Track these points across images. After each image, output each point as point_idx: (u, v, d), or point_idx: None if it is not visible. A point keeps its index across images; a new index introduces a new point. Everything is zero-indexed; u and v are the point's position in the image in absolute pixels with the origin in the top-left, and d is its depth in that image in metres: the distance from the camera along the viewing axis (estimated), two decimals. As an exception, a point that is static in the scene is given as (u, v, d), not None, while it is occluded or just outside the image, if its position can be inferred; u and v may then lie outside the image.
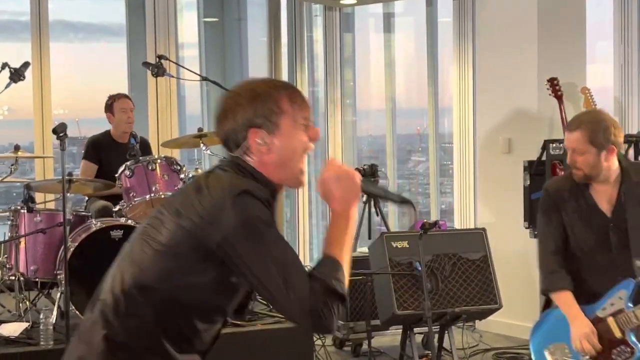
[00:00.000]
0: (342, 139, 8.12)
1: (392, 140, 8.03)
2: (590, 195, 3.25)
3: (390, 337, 5.59)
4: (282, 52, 7.63)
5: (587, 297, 3.20)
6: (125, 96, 5.68)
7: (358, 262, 5.28)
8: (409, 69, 8.54)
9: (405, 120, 8.48)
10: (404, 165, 8.95)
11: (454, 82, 6.63)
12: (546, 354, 3.31)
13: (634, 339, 3.07)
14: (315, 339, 4.72)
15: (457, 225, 6.76)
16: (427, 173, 8.17)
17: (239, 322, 4.53)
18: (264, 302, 4.95)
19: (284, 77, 7.65)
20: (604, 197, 3.24)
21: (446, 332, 4.97)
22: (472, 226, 6.28)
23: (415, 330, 4.96)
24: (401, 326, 5.04)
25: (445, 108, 7.60)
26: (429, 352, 5.01)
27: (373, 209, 5.88)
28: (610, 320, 3.14)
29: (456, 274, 4.87)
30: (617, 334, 3.10)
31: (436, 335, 4.87)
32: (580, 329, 3.13)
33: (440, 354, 4.97)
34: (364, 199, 5.94)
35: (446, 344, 5.02)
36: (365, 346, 5.28)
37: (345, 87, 8.23)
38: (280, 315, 4.66)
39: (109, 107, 5.59)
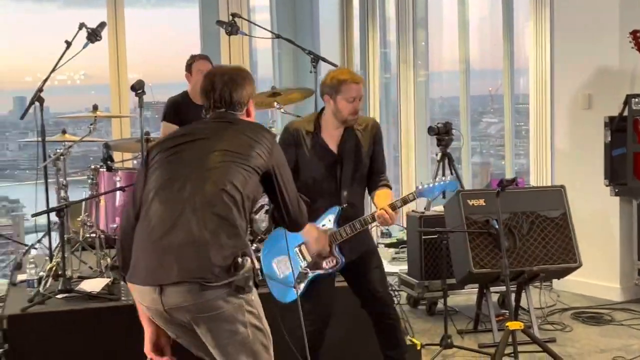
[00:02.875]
0: (415, 100, 8.02)
1: (466, 102, 7.90)
2: None
3: (465, 296, 5.55)
4: (353, 13, 7.55)
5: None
6: (205, 58, 5.68)
7: (433, 221, 5.24)
8: (483, 28, 8.36)
9: (477, 81, 8.33)
10: (475, 126, 8.81)
11: (531, 40, 6.45)
12: (273, 265, 3.79)
13: (337, 252, 3.73)
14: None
15: (533, 186, 6.63)
16: (500, 134, 8.02)
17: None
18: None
19: (356, 38, 7.59)
20: None
21: (523, 291, 4.90)
22: (549, 187, 6.15)
23: (492, 289, 4.91)
24: (477, 285, 4.99)
25: (520, 68, 7.42)
26: (506, 311, 4.96)
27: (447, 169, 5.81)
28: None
29: (534, 232, 4.79)
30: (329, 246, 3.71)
31: (513, 295, 4.81)
32: (316, 233, 3.68)
33: (517, 313, 4.91)
34: (438, 157, 5.87)
35: (523, 303, 4.96)
36: (440, 305, 5.26)
37: (418, 48, 8.11)
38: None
39: (189, 67, 5.62)
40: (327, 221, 3.75)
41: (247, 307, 2.66)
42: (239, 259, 2.60)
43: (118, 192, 4.72)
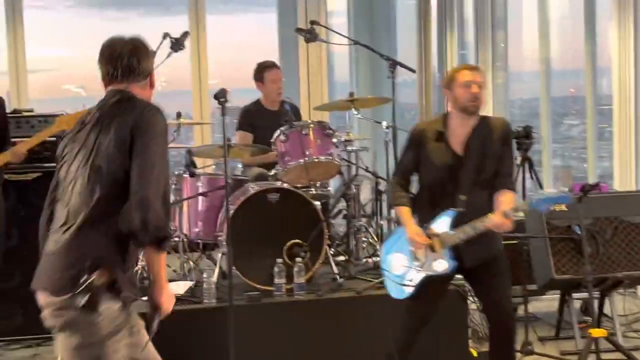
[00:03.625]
0: (493, 102, 7.93)
1: (546, 103, 7.76)
2: None
3: (547, 303, 5.46)
4: (431, 15, 7.51)
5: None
6: (275, 66, 5.73)
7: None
8: (563, 27, 8.20)
9: (558, 82, 8.17)
10: (556, 129, 8.65)
11: (614, 38, 6.29)
12: (389, 258, 3.89)
13: (447, 256, 3.71)
14: (469, 302, 4.67)
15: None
16: (582, 137, 7.85)
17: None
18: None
19: (433, 40, 7.55)
20: None
21: (607, 298, 4.80)
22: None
23: (574, 295, 4.83)
24: (559, 291, 4.92)
25: (603, 67, 7.25)
26: (589, 318, 4.86)
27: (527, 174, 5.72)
28: (435, 238, 3.70)
29: (618, 238, 4.69)
30: (438, 249, 3.69)
31: (596, 301, 4.72)
32: (414, 228, 3.73)
33: (600, 320, 4.81)
34: (518, 161, 5.79)
35: (606, 310, 4.86)
36: (521, 311, 5.18)
37: (497, 49, 8.01)
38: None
39: (259, 76, 5.67)
40: (440, 224, 3.71)
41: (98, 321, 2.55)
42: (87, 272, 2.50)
43: (200, 197, 4.84)
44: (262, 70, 5.67)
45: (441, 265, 3.71)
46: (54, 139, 5.12)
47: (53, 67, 7.93)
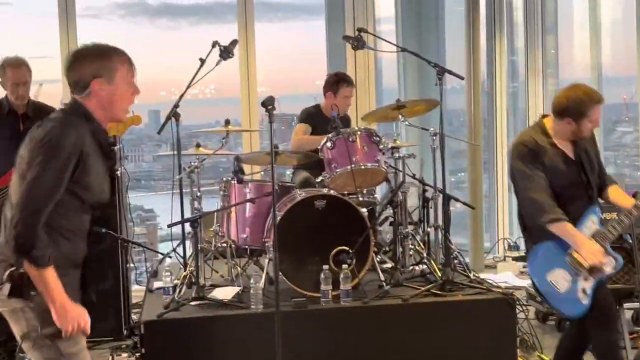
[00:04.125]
0: (544, 109, 7.84)
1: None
2: None
3: (597, 313, 5.36)
4: (480, 21, 7.46)
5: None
6: (353, 84, 5.83)
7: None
8: (615, 32, 8.08)
9: (610, 89, 8.05)
10: (609, 136, 8.52)
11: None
12: (548, 278, 3.82)
13: (612, 251, 3.77)
14: (518, 311, 4.62)
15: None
16: (635, 144, 7.73)
17: (440, 292, 4.54)
18: (464, 273, 4.95)
19: (482, 46, 7.49)
20: None
21: (659, 308, 4.71)
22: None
23: (625, 305, 4.74)
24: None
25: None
26: (640, 328, 4.78)
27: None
28: (599, 240, 3.77)
29: (671, 247, 4.58)
30: (605, 249, 3.75)
31: (648, 312, 4.63)
32: (593, 246, 3.74)
33: (652, 331, 4.73)
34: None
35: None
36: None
37: (547, 55, 7.93)
38: (482, 287, 4.63)
39: (334, 87, 5.75)
40: (591, 223, 3.84)
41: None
42: None
43: (248, 204, 4.87)
44: (339, 83, 5.75)
45: (610, 264, 3.78)
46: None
47: (105, 75, 8.08)
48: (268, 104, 3.75)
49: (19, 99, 4.85)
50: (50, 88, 6.69)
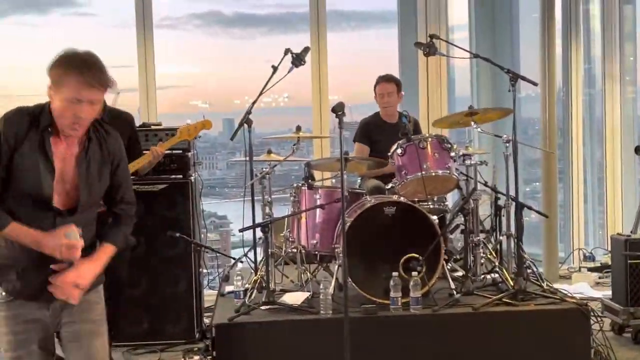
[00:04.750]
0: (621, 118, 7.66)
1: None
2: None
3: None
4: (555, 28, 7.33)
5: None
6: (385, 80, 5.81)
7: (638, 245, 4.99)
8: (698, 39, 7.82)
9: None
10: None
11: None
12: None
13: None
14: (592, 322, 4.52)
15: None
16: None
17: (512, 301, 4.47)
18: (537, 282, 4.86)
19: (558, 53, 7.35)
20: None
21: None
22: None
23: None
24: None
25: None
26: None
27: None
28: None
29: None
30: None
31: None
32: None
33: None
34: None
35: None
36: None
37: (625, 62, 7.74)
38: (555, 297, 4.54)
39: (374, 89, 5.80)
40: None
41: None
42: None
43: (318, 210, 4.90)
44: (375, 84, 5.78)
45: None
46: (180, 152, 5.34)
47: (181, 83, 8.26)
48: (338, 109, 3.77)
49: None
50: (127, 97, 6.86)
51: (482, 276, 5.04)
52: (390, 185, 4.99)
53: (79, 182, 2.81)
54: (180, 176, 5.39)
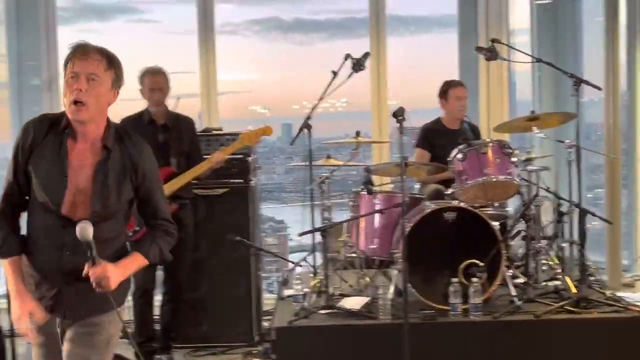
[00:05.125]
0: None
1: None
2: None
3: None
4: (619, 32, 7.19)
5: None
6: (461, 84, 5.77)
7: None
8: None
9: None
10: None
11: None
12: None
13: None
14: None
15: None
16: None
17: (574, 309, 4.40)
18: (600, 290, 4.76)
19: (622, 58, 7.21)
20: None
21: None
22: None
23: None
24: None
25: None
26: None
27: None
28: None
29: None
30: None
31: None
32: None
33: None
34: None
35: None
36: None
37: (693, 66, 7.53)
38: (619, 305, 4.45)
39: (443, 93, 5.74)
40: None
41: None
42: None
43: (377, 215, 4.90)
44: (447, 88, 5.73)
45: None
46: (241, 156, 5.40)
47: (240, 89, 8.34)
48: (399, 114, 3.78)
49: (155, 104, 5.07)
50: (188, 102, 6.96)
51: (544, 283, 4.96)
52: (450, 190, 4.95)
53: (92, 191, 2.71)
54: (241, 181, 5.45)
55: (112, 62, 2.73)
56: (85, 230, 2.58)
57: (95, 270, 2.60)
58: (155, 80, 5.05)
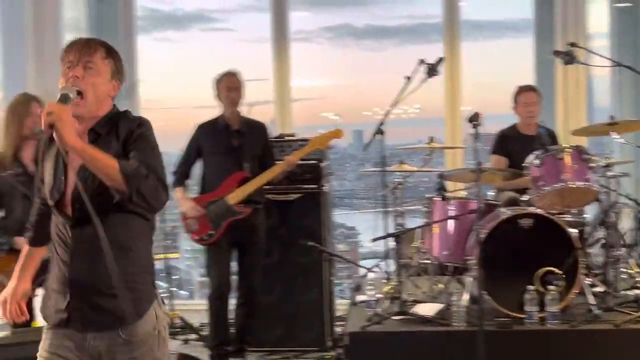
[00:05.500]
0: None
1: None
2: None
3: None
4: (703, 34, 6.98)
5: None
6: (530, 89, 5.68)
7: None
8: None
9: None
10: None
11: None
12: None
13: None
14: None
15: None
16: None
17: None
18: None
19: None
20: None
21: None
22: None
23: None
24: None
25: None
26: None
27: None
28: None
29: None
30: None
31: None
32: None
33: None
34: None
35: None
36: None
37: None
38: None
39: (514, 100, 5.67)
40: None
41: None
42: None
43: (451, 221, 4.85)
44: (517, 93, 5.66)
45: None
46: (314, 162, 5.42)
47: (312, 95, 8.41)
48: (474, 119, 3.75)
49: (231, 104, 5.13)
50: (262, 109, 7.05)
51: (623, 292, 4.83)
52: (526, 196, 4.87)
53: (79, 188, 2.41)
54: (314, 186, 5.47)
55: (110, 52, 2.62)
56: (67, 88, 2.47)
57: (56, 105, 2.36)
58: (231, 80, 5.14)
